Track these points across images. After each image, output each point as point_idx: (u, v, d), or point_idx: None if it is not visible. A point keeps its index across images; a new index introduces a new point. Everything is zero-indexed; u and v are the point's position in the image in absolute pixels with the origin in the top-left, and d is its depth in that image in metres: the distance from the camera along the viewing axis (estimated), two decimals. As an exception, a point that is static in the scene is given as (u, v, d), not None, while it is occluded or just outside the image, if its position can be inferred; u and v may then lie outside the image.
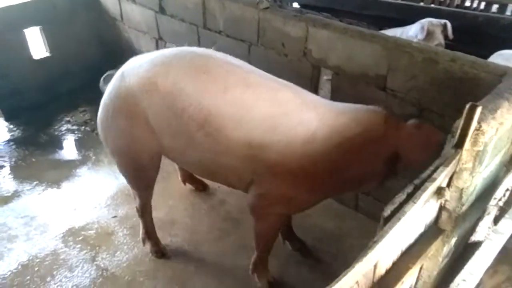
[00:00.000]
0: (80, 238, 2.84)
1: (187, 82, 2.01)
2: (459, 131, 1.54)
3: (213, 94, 1.98)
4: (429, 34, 3.83)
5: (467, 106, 1.48)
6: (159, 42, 3.81)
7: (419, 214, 1.46)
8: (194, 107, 1.99)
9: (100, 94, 2.40)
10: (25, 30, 3.84)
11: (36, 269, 2.63)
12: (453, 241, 1.89)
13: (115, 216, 3.02)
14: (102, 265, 2.66)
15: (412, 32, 4.02)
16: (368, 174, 2.03)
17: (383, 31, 3.47)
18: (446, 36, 3.97)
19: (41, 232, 2.88)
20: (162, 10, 3.57)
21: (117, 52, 4.36)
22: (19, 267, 2.64)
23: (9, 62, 3.82)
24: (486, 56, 2.16)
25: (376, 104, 2.35)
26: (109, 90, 2.27)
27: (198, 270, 2.64)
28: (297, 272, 2.62)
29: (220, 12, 3.11)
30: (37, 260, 2.68)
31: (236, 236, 2.86)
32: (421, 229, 1.66)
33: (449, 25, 3.97)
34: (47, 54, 4.09)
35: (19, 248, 2.76)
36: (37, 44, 4.08)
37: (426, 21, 4.00)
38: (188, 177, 3.18)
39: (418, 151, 1.90)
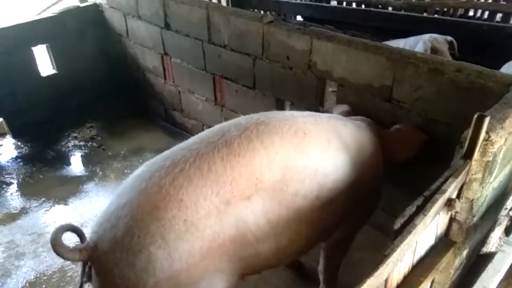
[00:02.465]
0: (88, 254, 2.83)
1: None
2: (467, 141, 1.53)
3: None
4: (436, 52, 3.80)
5: (475, 116, 1.47)
6: (165, 57, 3.85)
7: (429, 226, 1.44)
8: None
9: (107, 109, 2.40)
10: (33, 48, 3.90)
11: (44, 286, 2.61)
12: (464, 253, 1.86)
13: (122, 232, 3.01)
14: (109, 282, 2.64)
15: (417, 49, 4.00)
16: (380, 184, 2.12)
17: (385, 43, 3.48)
18: (453, 54, 3.94)
19: (48, 249, 2.87)
20: (167, 26, 3.61)
21: (122, 68, 4.41)
22: (27, 284, 2.63)
23: (17, 79, 3.88)
24: (491, 66, 2.14)
25: (383, 115, 2.35)
26: None
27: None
28: (305, 286, 2.59)
29: (224, 26, 3.14)
30: (45, 278, 2.67)
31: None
32: (432, 241, 1.64)
33: (455, 42, 3.97)
34: (54, 71, 4.15)
35: (26, 266, 2.76)
36: (44, 62, 4.14)
37: (428, 38, 3.97)
38: None
39: (402, 152, 2.14)
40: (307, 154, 1.69)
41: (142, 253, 1.40)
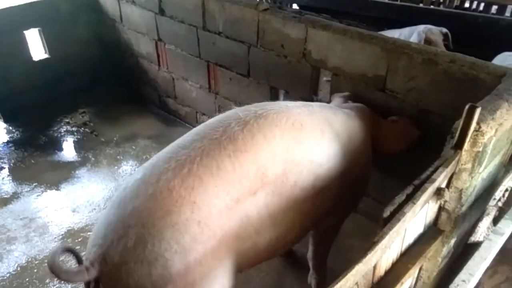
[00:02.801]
0: (79, 239, 2.84)
1: None
2: (458, 132, 1.54)
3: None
4: (431, 43, 3.79)
5: (467, 107, 1.48)
6: (159, 44, 3.82)
7: (418, 215, 1.46)
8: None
9: (100, 95, 2.38)
10: (25, 32, 3.84)
11: (35, 270, 2.62)
12: (452, 241, 1.89)
13: (114, 218, 3.01)
14: (101, 267, 2.65)
15: (412, 40, 4.00)
16: (369, 171, 2.16)
17: (380, 33, 3.47)
18: (447, 45, 3.94)
19: (40, 234, 2.88)
20: (161, 12, 3.57)
21: (116, 53, 4.37)
22: (18, 269, 2.64)
23: (9, 64, 3.83)
24: (485, 57, 2.15)
25: (376, 105, 2.35)
26: None
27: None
28: (296, 273, 2.62)
29: (219, 13, 3.12)
30: (36, 262, 2.68)
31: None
32: (420, 229, 1.66)
33: (449, 34, 3.97)
34: (47, 56, 4.10)
35: (18, 250, 2.76)
36: (36, 46, 4.08)
37: (423, 29, 3.97)
38: None
39: (394, 144, 2.21)
40: (304, 145, 1.71)
41: (158, 261, 1.35)
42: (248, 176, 1.53)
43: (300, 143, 1.70)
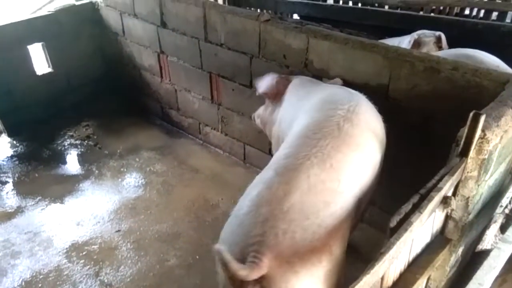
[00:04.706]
0: (84, 253, 2.82)
1: None
2: (463, 139, 1.54)
3: None
4: (421, 45, 3.82)
5: (471, 114, 1.48)
6: (161, 56, 3.84)
7: (425, 224, 1.45)
8: None
9: (103, 107, 2.39)
10: (28, 46, 3.88)
11: (40, 285, 2.60)
12: (460, 250, 1.88)
13: (118, 231, 3.00)
14: (106, 281, 2.63)
15: (404, 44, 4.03)
16: None
17: (381, 41, 3.48)
18: (440, 48, 3.95)
19: (44, 248, 2.87)
20: (163, 24, 3.60)
21: (119, 66, 4.40)
22: (23, 283, 2.62)
23: (13, 78, 3.85)
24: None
25: (380, 113, 2.34)
26: None
27: (203, 283, 2.61)
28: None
29: (221, 25, 3.14)
30: (41, 277, 2.66)
31: (241, 248, 2.84)
32: (427, 239, 1.64)
33: (443, 37, 3.97)
34: (50, 70, 4.12)
35: (22, 264, 2.75)
36: (40, 60, 4.12)
37: (418, 33, 3.99)
38: None
39: None
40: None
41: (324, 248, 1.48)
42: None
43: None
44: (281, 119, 2.33)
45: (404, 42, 3.93)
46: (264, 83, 2.53)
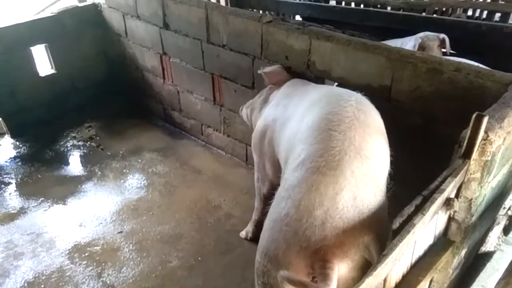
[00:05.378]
0: (86, 254, 2.83)
1: None
2: (466, 141, 1.53)
3: None
4: (426, 49, 3.80)
5: (474, 116, 1.47)
6: (163, 57, 3.85)
7: (428, 226, 1.45)
8: None
9: (105, 109, 2.40)
10: (31, 48, 3.89)
11: (42, 286, 2.61)
12: (463, 252, 1.87)
13: (120, 232, 3.01)
14: (108, 282, 2.64)
15: (408, 47, 4.01)
16: None
17: (383, 42, 3.48)
18: (444, 52, 3.94)
19: (47, 249, 2.87)
20: (166, 26, 3.61)
21: (121, 67, 4.41)
22: (25, 284, 2.62)
23: (16, 80, 3.87)
24: (489, 65, 2.15)
25: (382, 115, 2.34)
26: None
27: (205, 284, 2.61)
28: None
29: (223, 26, 3.14)
30: (43, 278, 2.67)
31: (243, 249, 2.84)
32: (430, 241, 1.64)
33: (447, 39, 3.96)
34: (53, 71, 4.14)
35: (25, 266, 2.75)
36: (43, 61, 4.13)
37: (421, 36, 3.98)
38: None
39: None
40: None
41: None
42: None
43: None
44: (275, 118, 2.33)
45: (408, 45, 3.92)
46: (271, 67, 2.72)
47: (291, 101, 2.29)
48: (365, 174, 1.57)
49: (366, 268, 1.44)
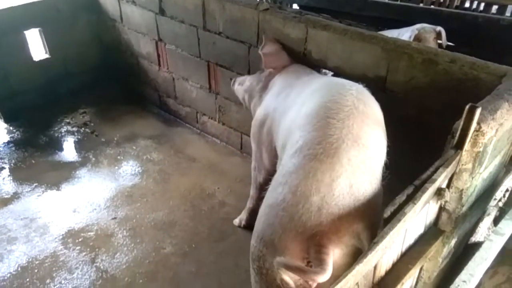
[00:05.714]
0: (80, 239, 2.84)
1: None
2: (458, 132, 1.54)
3: None
4: (422, 41, 3.79)
5: (467, 107, 1.48)
6: (159, 44, 3.82)
7: (419, 215, 1.46)
8: None
9: (100, 95, 2.39)
10: (25, 32, 3.84)
11: (36, 271, 2.62)
12: (453, 242, 1.89)
13: (114, 218, 3.01)
14: (101, 267, 2.65)
15: (405, 38, 4.01)
16: None
17: (380, 33, 3.46)
18: (440, 44, 3.94)
19: (40, 234, 2.88)
20: (162, 12, 3.57)
21: (116, 53, 4.37)
22: (19, 269, 2.64)
23: (9, 64, 3.83)
24: (485, 57, 2.15)
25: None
26: None
27: (198, 271, 2.64)
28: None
29: (220, 13, 3.12)
30: (37, 262, 2.68)
31: (236, 237, 2.86)
32: (421, 230, 1.66)
33: (443, 32, 3.95)
34: (47, 56, 4.10)
35: (18, 250, 2.76)
36: (36, 46, 4.08)
37: (418, 27, 3.97)
38: None
39: None
40: None
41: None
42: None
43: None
44: (275, 107, 2.31)
45: (404, 36, 3.91)
46: (271, 47, 2.68)
47: (293, 90, 2.28)
48: (362, 162, 1.58)
49: (357, 254, 1.47)
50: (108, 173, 3.44)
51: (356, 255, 1.45)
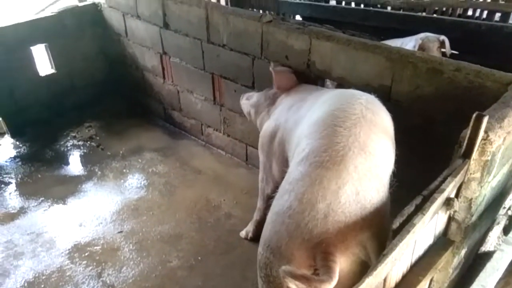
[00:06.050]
0: (86, 254, 2.83)
1: None
2: (466, 141, 1.53)
3: None
4: (425, 50, 3.80)
5: (474, 115, 1.47)
6: (164, 57, 3.85)
7: (428, 225, 1.45)
8: None
9: (106, 108, 2.40)
10: (31, 47, 3.89)
11: (42, 286, 2.61)
12: (463, 252, 1.87)
13: (120, 232, 3.01)
14: (108, 281, 2.64)
15: (408, 47, 4.01)
16: None
17: (383, 42, 3.47)
18: (444, 53, 3.94)
19: (47, 249, 2.87)
20: (166, 26, 3.61)
21: (121, 67, 4.41)
22: (25, 284, 2.62)
23: (16, 79, 3.87)
24: (490, 65, 2.14)
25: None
26: None
27: (205, 284, 2.61)
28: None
29: (223, 26, 3.14)
30: (43, 277, 2.67)
31: (243, 249, 2.84)
32: (430, 240, 1.64)
33: (447, 41, 3.96)
34: (53, 71, 4.14)
35: (25, 265, 2.75)
36: (43, 61, 4.13)
37: (422, 37, 3.98)
38: None
39: None
40: None
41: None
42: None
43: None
44: (287, 118, 2.32)
45: (408, 45, 3.92)
46: (282, 68, 2.77)
47: (305, 103, 2.29)
48: (368, 170, 1.57)
49: (363, 263, 1.45)
50: (114, 187, 3.45)
51: (361, 264, 1.44)
